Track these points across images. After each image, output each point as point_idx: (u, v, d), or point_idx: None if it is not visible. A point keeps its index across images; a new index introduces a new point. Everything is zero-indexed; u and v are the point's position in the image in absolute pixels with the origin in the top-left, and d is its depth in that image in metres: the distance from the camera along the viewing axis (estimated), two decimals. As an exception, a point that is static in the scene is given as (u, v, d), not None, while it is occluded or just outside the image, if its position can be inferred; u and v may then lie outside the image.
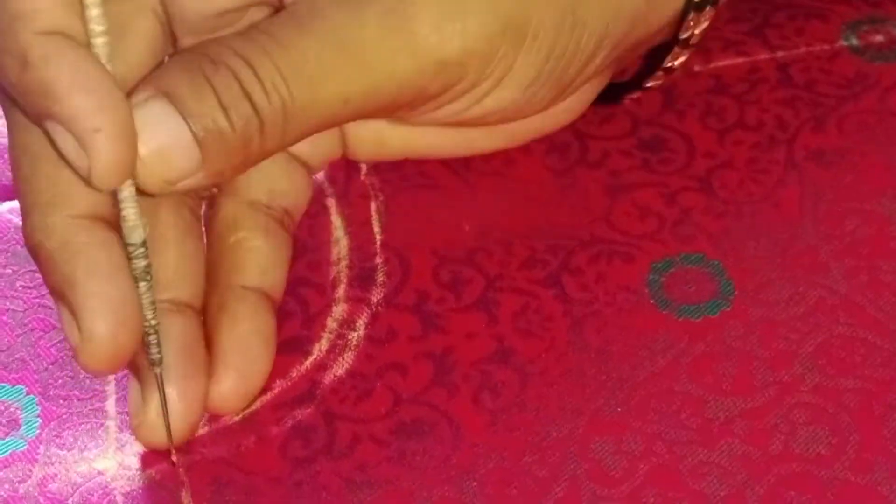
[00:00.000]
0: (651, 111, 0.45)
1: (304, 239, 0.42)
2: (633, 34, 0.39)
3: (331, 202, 0.43)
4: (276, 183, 0.40)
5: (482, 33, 0.35)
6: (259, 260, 0.38)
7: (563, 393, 0.38)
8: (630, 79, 0.44)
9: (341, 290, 0.41)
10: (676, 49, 0.42)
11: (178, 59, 0.34)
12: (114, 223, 0.34)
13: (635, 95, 0.44)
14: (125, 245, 0.33)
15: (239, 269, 0.38)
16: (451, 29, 0.35)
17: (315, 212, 0.43)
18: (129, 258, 0.33)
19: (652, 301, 0.40)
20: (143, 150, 0.31)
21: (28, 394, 0.39)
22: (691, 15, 0.40)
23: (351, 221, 0.43)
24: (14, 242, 0.43)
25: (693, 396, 0.38)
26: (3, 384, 0.39)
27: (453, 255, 0.42)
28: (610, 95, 0.44)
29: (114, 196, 0.33)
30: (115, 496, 0.36)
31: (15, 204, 0.44)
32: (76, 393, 0.39)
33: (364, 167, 0.44)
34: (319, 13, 0.34)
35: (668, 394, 0.38)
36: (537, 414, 0.38)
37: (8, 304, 0.41)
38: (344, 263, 0.42)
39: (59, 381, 0.39)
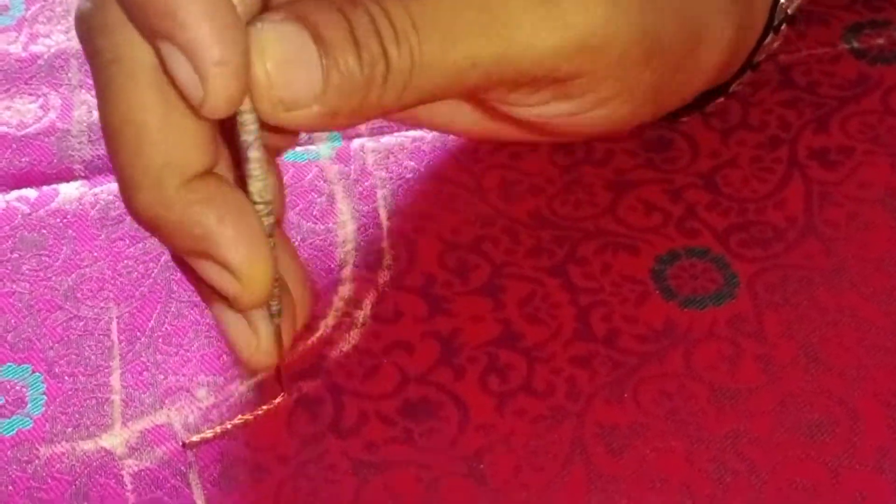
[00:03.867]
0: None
1: (310, 223, 0.42)
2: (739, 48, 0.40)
3: (338, 190, 0.44)
4: None
5: (624, 30, 0.35)
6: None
7: (571, 379, 0.38)
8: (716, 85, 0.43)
9: (348, 271, 0.41)
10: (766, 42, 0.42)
11: None
12: (223, 177, 0.33)
13: (720, 100, 0.44)
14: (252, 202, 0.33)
15: None
16: (598, 13, 0.34)
17: (322, 199, 0.43)
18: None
19: (657, 291, 0.40)
20: (268, 64, 0.31)
21: (34, 372, 0.39)
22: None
23: (358, 209, 0.43)
24: (21, 228, 0.43)
25: (699, 384, 0.38)
26: (9, 364, 0.39)
27: (460, 242, 0.42)
28: (695, 103, 0.43)
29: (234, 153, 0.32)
30: (122, 476, 0.36)
31: (22, 192, 0.44)
32: (81, 369, 0.39)
33: (371, 158, 0.45)
34: None
35: (673, 381, 0.38)
36: (544, 399, 0.38)
37: (14, 286, 0.41)
38: (351, 246, 0.42)
39: (64, 359, 0.39)
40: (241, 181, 0.33)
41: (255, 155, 0.32)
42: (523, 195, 0.43)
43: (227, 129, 0.33)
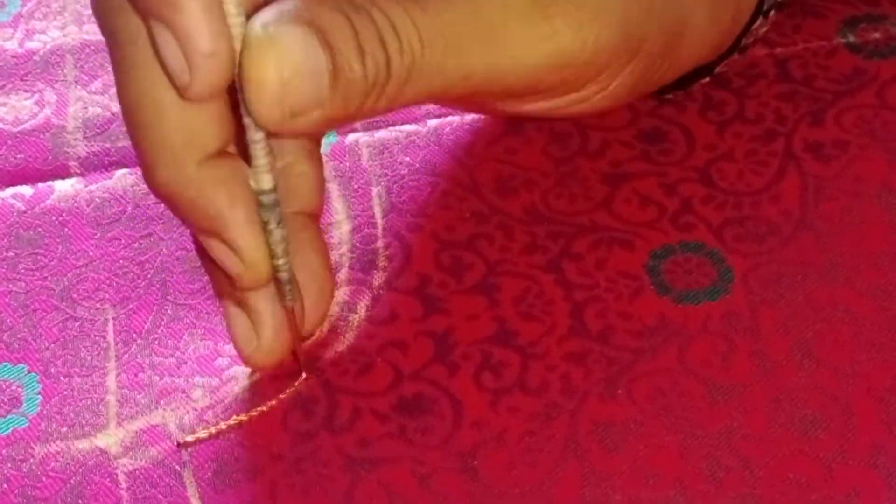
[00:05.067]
0: (651, 103, 0.46)
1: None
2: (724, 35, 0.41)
3: (332, 187, 0.44)
4: None
5: (611, 42, 0.37)
6: (308, 184, 0.38)
7: (565, 375, 0.38)
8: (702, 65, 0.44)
9: (343, 274, 0.41)
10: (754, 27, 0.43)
11: None
12: (237, 158, 0.34)
13: (705, 80, 0.45)
14: (258, 193, 0.34)
15: (292, 195, 0.38)
16: (587, 32, 0.36)
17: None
18: (260, 205, 0.34)
19: (652, 287, 0.40)
20: (282, 70, 0.31)
21: (29, 372, 0.39)
22: None
23: (352, 206, 0.43)
24: (16, 226, 0.43)
25: (693, 380, 0.38)
26: (4, 363, 0.39)
27: (454, 240, 0.42)
28: (680, 83, 0.44)
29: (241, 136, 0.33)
30: (117, 475, 0.37)
31: (17, 189, 0.44)
32: (77, 370, 0.39)
33: (366, 153, 0.45)
34: None
35: (667, 378, 0.38)
36: (538, 395, 0.38)
37: (10, 286, 0.41)
38: (346, 247, 0.42)
39: (60, 359, 0.39)
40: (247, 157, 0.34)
41: (259, 149, 0.33)
42: (518, 190, 0.43)
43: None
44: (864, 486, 0.35)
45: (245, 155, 0.34)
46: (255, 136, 0.33)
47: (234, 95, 0.32)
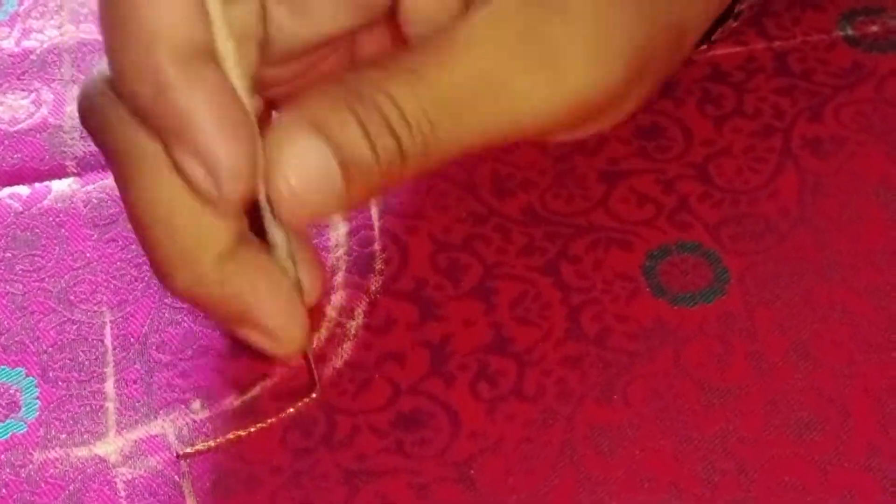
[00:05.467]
0: (649, 98, 0.45)
1: (302, 225, 0.42)
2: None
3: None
4: None
5: (622, 76, 0.35)
6: None
7: (561, 380, 0.38)
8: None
9: (340, 277, 0.41)
10: None
11: (320, 90, 0.33)
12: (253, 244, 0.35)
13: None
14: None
15: None
16: (596, 69, 0.35)
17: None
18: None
19: (648, 289, 0.40)
20: (292, 182, 0.31)
21: (27, 376, 0.39)
22: None
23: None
24: (13, 227, 0.43)
25: (689, 383, 0.38)
26: (2, 366, 0.39)
27: (451, 242, 0.42)
28: None
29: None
30: (116, 484, 0.37)
31: (13, 189, 0.44)
32: (75, 375, 0.39)
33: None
34: (463, 45, 0.33)
35: (664, 381, 0.38)
36: (535, 402, 0.38)
37: (8, 287, 0.42)
38: (342, 250, 0.42)
39: (59, 363, 0.39)
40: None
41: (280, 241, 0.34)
42: (515, 190, 0.43)
43: None
44: (859, 488, 0.36)
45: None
46: (278, 241, 0.34)
47: None
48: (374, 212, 0.43)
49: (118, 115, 0.33)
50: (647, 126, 0.45)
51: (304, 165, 0.31)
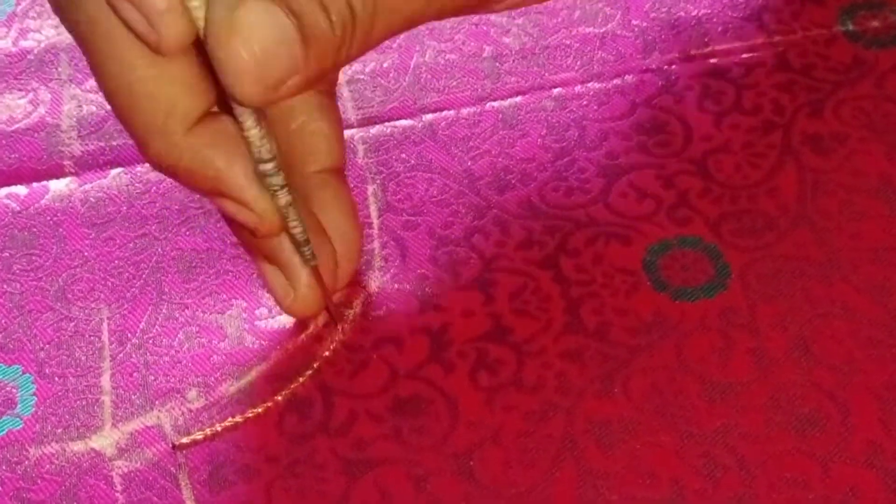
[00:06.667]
0: (649, 93, 0.45)
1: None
2: None
3: (328, 185, 0.43)
4: None
5: None
6: (324, 140, 0.39)
7: (561, 373, 0.38)
8: None
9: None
10: None
11: None
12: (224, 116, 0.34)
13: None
14: (256, 163, 0.34)
15: (309, 154, 0.38)
16: None
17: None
18: (264, 175, 0.34)
19: (649, 283, 0.40)
20: (254, 48, 0.31)
21: (24, 373, 0.39)
22: None
23: (348, 204, 0.43)
24: (11, 226, 0.43)
25: (690, 378, 0.38)
26: (-1, 364, 0.39)
27: (450, 237, 0.42)
28: None
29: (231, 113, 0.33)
30: (112, 477, 0.37)
31: (11, 189, 0.44)
32: (71, 370, 0.39)
33: (361, 149, 0.44)
34: None
35: (664, 375, 0.38)
36: (534, 393, 0.38)
37: (5, 286, 0.41)
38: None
39: (55, 360, 0.39)
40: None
41: (249, 124, 0.33)
42: (514, 184, 0.43)
43: None
44: (860, 484, 0.35)
45: (230, 111, 0.34)
46: (240, 110, 0.33)
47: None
48: (374, 210, 0.43)
49: None
50: (647, 122, 0.45)
51: (264, 31, 0.31)
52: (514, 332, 0.39)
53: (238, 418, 0.37)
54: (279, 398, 0.38)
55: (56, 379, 0.39)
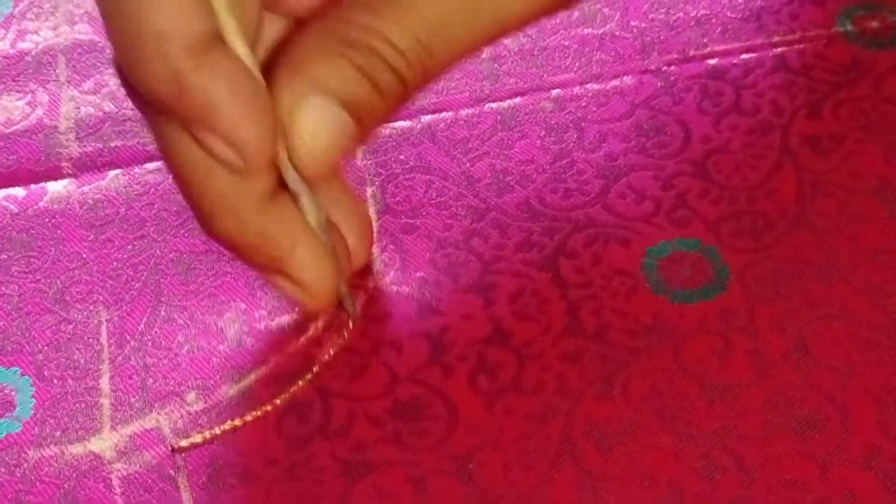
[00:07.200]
0: (647, 94, 0.45)
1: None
2: None
3: (327, 187, 0.43)
4: None
5: None
6: None
7: (560, 376, 0.38)
8: None
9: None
10: None
11: (315, 45, 0.33)
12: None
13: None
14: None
15: None
16: None
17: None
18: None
19: (647, 285, 0.40)
20: (308, 141, 0.33)
21: (23, 375, 0.39)
22: None
23: (347, 208, 0.43)
24: (9, 229, 0.43)
25: (689, 380, 0.38)
26: (-2, 367, 0.39)
27: (449, 239, 0.42)
28: None
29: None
30: (111, 480, 0.37)
31: (9, 191, 0.44)
32: (71, 373, 0.39)
33: (360, 151, 0.44)
34: None
35: (663, 377, 0.38)
36: (534, 396, 0.38)
37: (3, 288, 0.41)
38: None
39: (54, 362, 0.39)
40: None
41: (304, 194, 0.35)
42: (513, 186, 0.43)
43: None
44: (859, 487, 0.35)
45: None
46: (296, 180, 0.34)
47: None
48: (372, 212, 0.43)
49: None
50: (646, 123, 0.45)
51: (316, 125, 0.33)
52: (513, 336, 0.39)
53: (237, 421, 0.37)
54: (278, 401, 0.38)
55: (55, 381, 0.39)
